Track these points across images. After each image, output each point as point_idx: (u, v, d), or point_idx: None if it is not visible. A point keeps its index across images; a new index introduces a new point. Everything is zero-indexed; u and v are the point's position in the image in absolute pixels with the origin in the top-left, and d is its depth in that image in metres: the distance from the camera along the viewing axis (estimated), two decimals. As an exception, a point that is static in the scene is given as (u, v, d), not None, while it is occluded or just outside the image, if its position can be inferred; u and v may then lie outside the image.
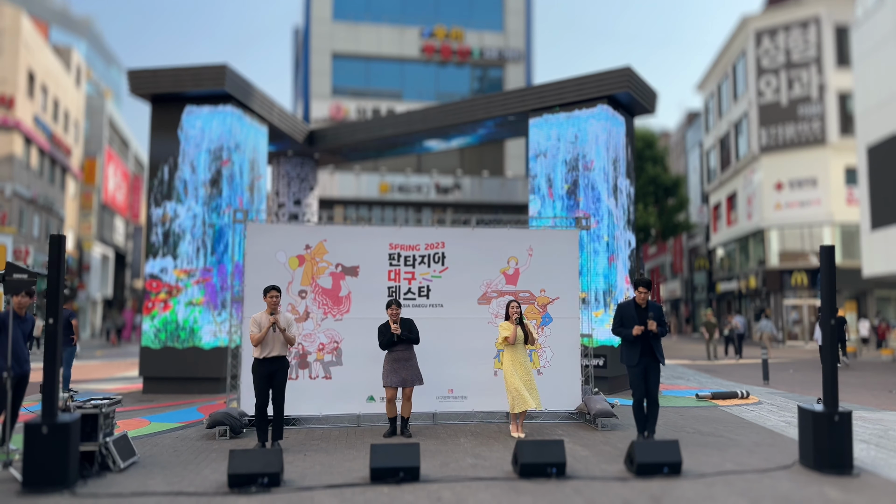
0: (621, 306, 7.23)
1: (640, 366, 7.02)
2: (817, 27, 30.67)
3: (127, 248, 50.74)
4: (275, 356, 6.91)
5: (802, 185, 30.86)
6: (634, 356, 7.04)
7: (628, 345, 7.10)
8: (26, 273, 6.26)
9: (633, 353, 7.04)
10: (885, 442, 7.36)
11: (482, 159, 30.90)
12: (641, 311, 7.11)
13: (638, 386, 7.05)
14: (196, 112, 12.51)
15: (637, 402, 7.07)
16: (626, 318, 7.13)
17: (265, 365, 6.88)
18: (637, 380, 7.05)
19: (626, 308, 7.18)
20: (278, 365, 6.95)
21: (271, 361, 6.91)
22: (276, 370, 6.92)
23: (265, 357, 6.88)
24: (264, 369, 6.88)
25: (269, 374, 6.89)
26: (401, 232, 8.69)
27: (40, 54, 32.21)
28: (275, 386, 6.93)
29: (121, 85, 72.72)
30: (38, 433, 5.24)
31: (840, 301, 30.24)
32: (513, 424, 7.70)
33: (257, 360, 6.91)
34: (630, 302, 7.21)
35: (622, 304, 7.26)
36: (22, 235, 30.09)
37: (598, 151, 12.37)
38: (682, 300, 48.78)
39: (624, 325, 7.12)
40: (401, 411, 7.74)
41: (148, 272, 12.19)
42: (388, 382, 7.62)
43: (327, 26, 30.70)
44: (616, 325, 7.19)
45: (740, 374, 16.08)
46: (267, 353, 6.88)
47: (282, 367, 6.97)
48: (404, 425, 7.73)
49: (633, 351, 7.05)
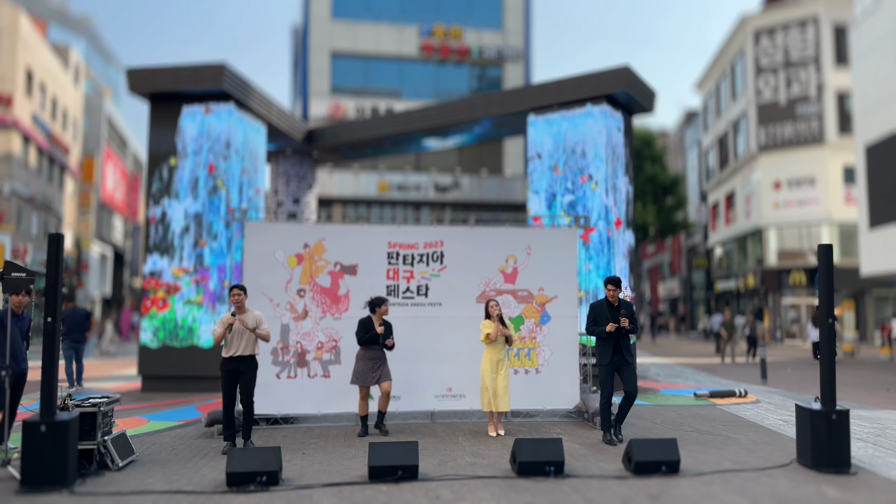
0: (593, 306, 7.35)
1: (610, 365, 7.16)
2: (816, 26, 30.69)
3: (125, 246, 50.70)
4: (240, 356, 6.81)
5: (801, 184, 30.89)
6: (607, 355, 7.17)
7: (601, 343, 7.22)
8: (25, 272, 6.25)
9: (606, 352, 7.17)
10: (882, 440, 7.38)
11: (481, 158, 30.90)
12: (614, 309, 7.23)
13: (606, 384, 7.18)
14: (195, 111, 12.50)
15: (605, 401, 7.18)
16: (598, 316, 7.25)
17: (230, 364, 6.82)
18: (607, 378, 7.18)
19: (598, 307, 7.30)
20: (244, 365, 6.84)
21: (237, 361, 6.82)
22: (241, 370, 6.83)
23: (231, 356, 6.82)
24: (229, 368, 6.81)
25: (232, 373, 6.81)
26: (399, 231, 8.69)
27: (38, 52, 32.16)
28: (241, 386, 6.84)
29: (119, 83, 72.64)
30: (37, 431, 5.24)
31: (838, 300, 30.27)
32: (490, 424, 7.72)
33: (223, 358, 6.86)
34: (602, 301, 7.34)
35: (594, 303, 7.39)
36: (20, 234, 30.06)
37: (597, 150, 12.38)
38: (680, 299, 48.82)
39: (597, 323, 7.23)
40: (379, 406, 7.72)
41: (146, 271, 12.18)
42: (363, 382, 7.58)
43: (326, 25, 30.68)
44: (589, 324, 7.31)
45: (738, 372, 16.10)
46: (232, 352, 6.81)
47: (249, 367, 6.86)
48: (381, 419, 7.71)
49: (606, 349, 7.18)
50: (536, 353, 8.76)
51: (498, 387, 7.54)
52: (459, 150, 30.60)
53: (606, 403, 7.18)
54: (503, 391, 7.55)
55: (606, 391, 7.15)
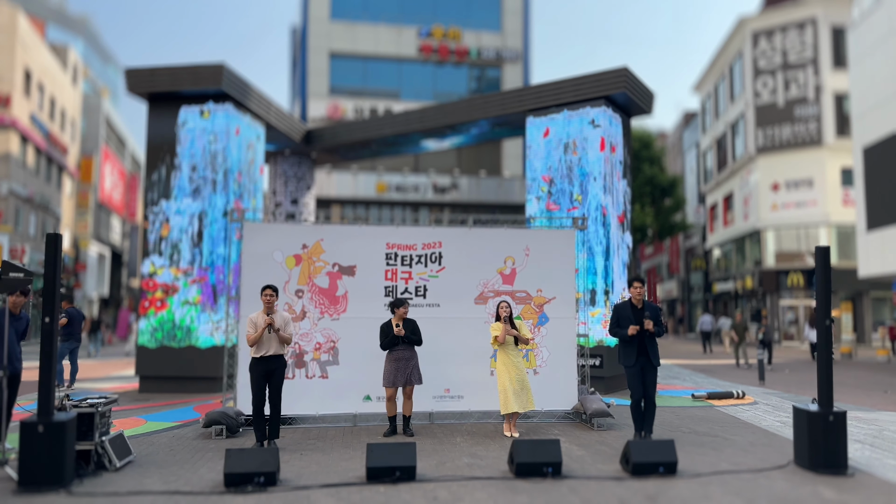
0: (617, 307, 7.25)
1: (636, 366, 7.04)
2: (814, 28, 30.75)
3: (123, 247, 50.64)
4: (272, 355, 6.92)
5: (799, 186, 30.94)
6: (631, 357, 7.05)
7: (625, 345, 7.11)
8: (23, 272, 6.25)
9: (630, 354, 7.06)
10: (879, 442, 7.39)
11: (480, 159, 30.91)
12: (637, 311, 7.13)
13: (636, 387, 7.06)
14: (193, 111, 12.50)
15: (635, 403, 7.08)
16: (622, 318, 7.15)
17: (262, 364, 6.90)
18: (634, 380, 7.06)
19: (622, 308, 7.20)
20: (276, 364, 6.96)
21: (268, 360, 6.92)
22: (273, 369, 6.94)
23: (262, 356, 6.90)
24: (261, 368, 6.90)
25: (266, 373, 6.91)
26: (398, 231, 8.70)
27: (37, 52, 32.13)
28: (272, 385, 6.96)
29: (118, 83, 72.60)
30: (35, 432, 5.24)
31: (836, 302, 30.32)
32: (506, 424, 7.73)
33: (254, 359, 6.93)
34: (626, 302, 7.24)
35: (618, 304, 7.29)
36: (18, 234, 30.01)
37: (596, 151, 12.39)
38: (678, 300, 48.86)
39: (620, 325, 7.13)
40: (402, 410, 7.77)
41: (144, 271, 12.17)
42: (389, 382, 7.64)
43: (325, 26, 30.69)
44: (613, 326, 7.21)
45: (736, 374, 16.12)
46: (264, 352, 6.90)
47: (279, 367, 6.98)
48: (406, 424, 7.75)
49: (630, 351, 7.06)
50: (535, 355, 8.77)
51: (517, 385, 7.51)
52: (458, 151, 30.62)
53: (636, 405, 7.07)
54: (516, 392, 7.48)
55: (636, 394, 7.03)
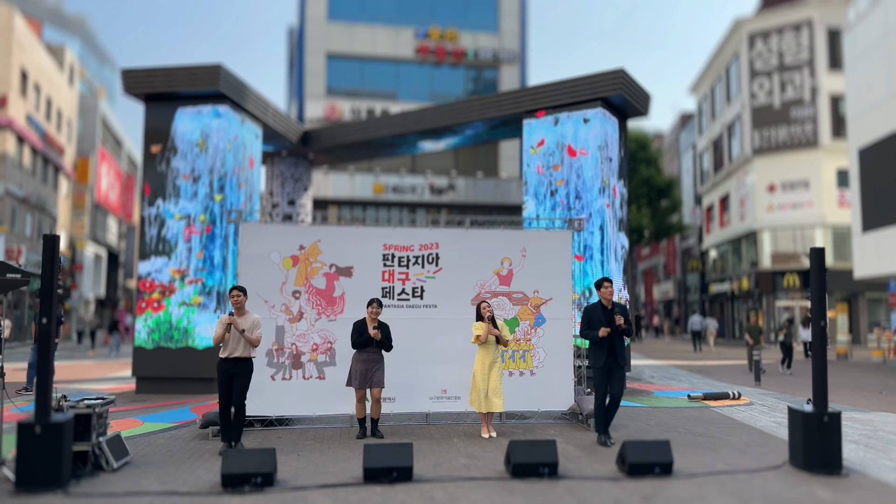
0: (587, 309, 7.34)
1: (604, 367, 7.18)
2: (810, 30, 30.86)
3: (120, 247, 50.54)
4: (236, 357, 6.81)
5: (795, 188, 31.04)
6: (601, 358, 7.19)
7: (595, 347, 7.24)
8: (20, 273, 6.25)
9: (600, 355, 7.19)
10: (874, 442, 7.43)
11: (476, 160, 30.95)
12: (608, 311, 7.24)
13: (601, 386, 7.20)
14: (190, 112, 12.50)
15: (599, 403, 7.22)
16: (592, 320, 7.26)
17: (226, 365, 6.82)
18: (601, 381, 7.20)
19: (592, 310, 7.30)
20: (240, 367, 6.83)
21: (233, 362, 6.81)
22: (236, 372, 6.81)
23: (226, 357, 6.82)
24: (224, 369, 6.81)
25: (228, 374, 6.81)
26: (395, 233, 8.71)
27: (33, 53, 32.07)
28: (235, 388, 6.82)
29: (114, 84, 72.46)
30: (32, 433, 5.24)
31: (831, 303, 30.42)
32: (483, 426, 7.74)
33: (220, 359, 6.86)
34: (597, 304, 7.34)
35: (588, 306, 7.38)
36: (14, 235, 29.95)
37: (592, 153, 12.42)
38: (674, 301, 48.95)
39: (591, 327, 7.24)
40: (370, 413, 7.74)
41: (141, 272, 12.16)
42: (358, 384, 7.57)
43: (322, 26, 30.70)
44: (583, 328, 7.31)
45: (732, 375, 16.16)
46: (228, 353, 6.81)
47: (244, 370, 6.85)
48: (374, 426, 7.72)
49: (600, 352, 7.20)
50: (531, 355, 8.79)
51: (489, 388, 7.56)
52: (455, 152, 30.65)
53: (601, 405, 7.22)
54: (494, 392, 7.55)
55: (601, 393, 7.19)
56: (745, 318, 34.25)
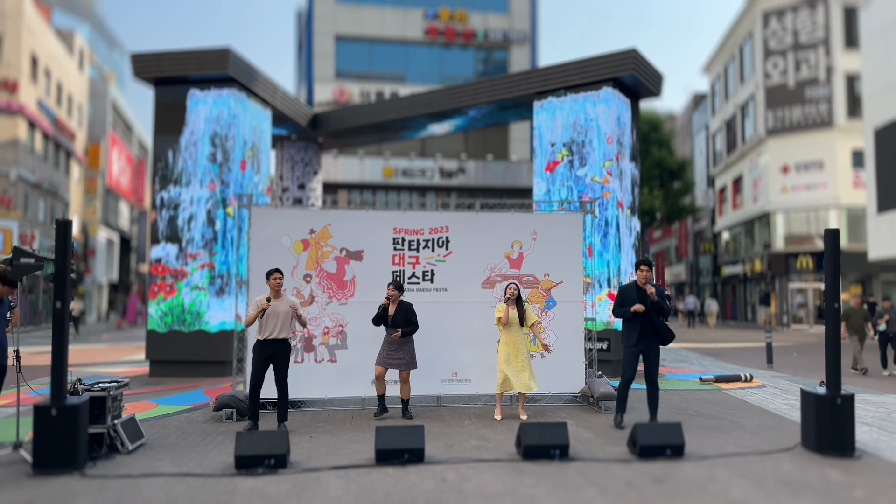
0: (622, 288, 7.26)
1: (637, 346, 7.05)
2: (825, 8, 30.31)
3: (132, 232, 50.90)
4: (275, 338, 6.91)
5: (809, 168, 30.68)
6: (633, 336, 7.06)
7: (628, 325, 7.13)
8: (33, 257, 6.29)
9: (633, 333, 7.07)
10: (887, 424, 7.39)
11: (486, 143, 30.79)
12: (643, 292, 7.12)
13: (630, 366, 7.08)
14: (199, 96, 12.49)
15: (624, 383, 7.11)
16: (626, 299, 7.16)
17: (265, 347, 6.92)
18: (630, 360, 7.08)
19: (627, 290, 7.21)
20: (279, 348, 6.95)
21: (272, 344, 6.92)
22: (275, 353, 6.94)
23: (265, 339, 6.92)
24: (264, 351, 6.91)
25: (268, 356, 6.92)
26: (405, 216, 8.70)
27: (43, 38, 32.11)
28: (276, 368, 6.97)
29: (124, 68, 72.52)
30: (48, 415, 5.31)
31: (845, 284, 30.18)
32: (497, 406, 7.74)
33: (258, 341, 6.95)
34: (632, 284, 7.23)
35: (623, 285, 7.29)
36: (27, 220, 30.20)
37: (603, 134, 12.32)
38: (686, 284, 48.75)
39: (624, 305, 7.15)
40: (400, 394, 7.87)
41: (153, 256, 12.24)
42: (378, 362, 7.76)
43: (330, 8, 30.49)
44: (616, 307, 7.21)
45: (744, 357, 16.11)
46: (267, 334, 6.90)
47: (282, 350, 6.97)
48: (405, 407, 7.83)
49: (633, 331, 7.07)
50: (542, 338, 8.78)
51: (517, 367, 7.54)
52: (465, 134, 30.50)
53: (625, 386, 7.11)
54: (517, 374, 7.52)
55: (628, 373, 7.06)
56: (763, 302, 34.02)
